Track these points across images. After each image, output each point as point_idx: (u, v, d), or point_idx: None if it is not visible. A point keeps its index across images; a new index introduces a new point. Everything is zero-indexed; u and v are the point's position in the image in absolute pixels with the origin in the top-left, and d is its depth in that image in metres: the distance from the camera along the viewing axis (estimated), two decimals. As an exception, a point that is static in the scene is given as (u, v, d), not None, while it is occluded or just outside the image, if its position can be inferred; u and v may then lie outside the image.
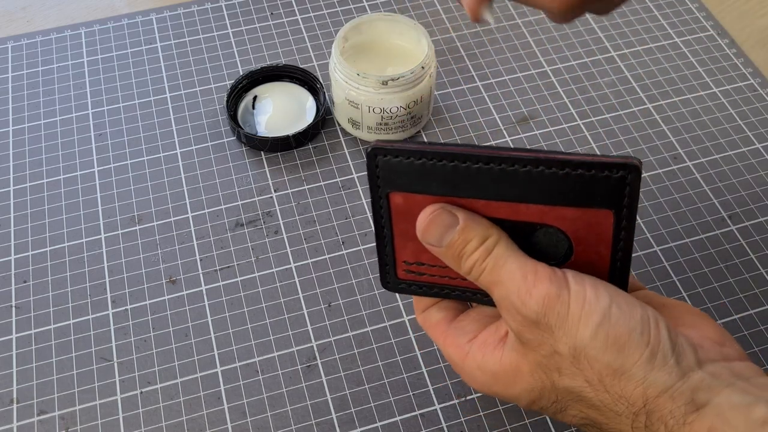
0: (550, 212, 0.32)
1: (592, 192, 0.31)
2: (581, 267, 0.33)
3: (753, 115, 0.58)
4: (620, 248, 0.32)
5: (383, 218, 0.35)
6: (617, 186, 0.31)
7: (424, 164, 0.33)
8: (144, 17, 0.66)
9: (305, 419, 0.44)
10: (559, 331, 0.31)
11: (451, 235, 0.33)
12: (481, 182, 0.33)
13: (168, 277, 0.50)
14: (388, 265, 0.37)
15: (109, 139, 0.57)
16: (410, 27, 0.56)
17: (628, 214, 0.31)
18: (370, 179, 0.34)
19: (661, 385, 0.30)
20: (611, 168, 0.31)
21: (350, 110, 0.54)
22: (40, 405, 0.45)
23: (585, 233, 0.32)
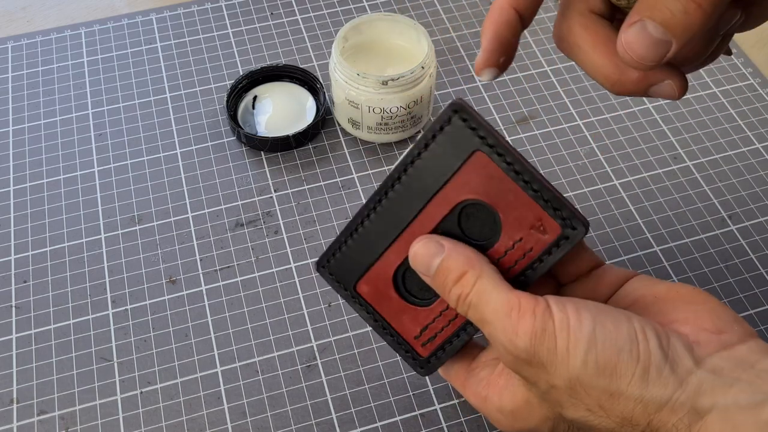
0: (451, 191, 0.33)
1: (450, 149, 0.32)
2: (515, 224, 0.32)
3: (753, 115, 0.58)
4: (522, 175, 0.32)
5: (371, 314, 0.37)
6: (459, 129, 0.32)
7: (350, 244, 0.36)
8: (144, 17, 0.66)
9: (305, 419, 0.44)
10: (551, 366, 0.30)
11: (437, 263, 0.33)
12: (391, 216, 0.35)
13: (168, 277, 0.50)
14: (410, 353, 0.37)
15: (109, 139, 0.57)
16: (410, 27, 0.56)
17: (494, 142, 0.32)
18: (335, 289, 0.38)
19: (659, 399, 0.29)
20: (441, 123, 0.32)
21: (350, 110, 0.54)
22: (40, 405, 0.45)
23: (487, 187, 0.32)
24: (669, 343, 0.30)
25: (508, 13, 0.33)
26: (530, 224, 0.32)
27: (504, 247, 0.33)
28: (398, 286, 0.37)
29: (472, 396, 0.36)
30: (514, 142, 0.57)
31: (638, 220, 0.52)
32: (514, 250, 0.33)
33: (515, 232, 0.32)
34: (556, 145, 0.56)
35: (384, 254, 0.36)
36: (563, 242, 0.32)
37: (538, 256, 0.32)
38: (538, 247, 0.32)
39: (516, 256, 0.33)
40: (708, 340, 0.31)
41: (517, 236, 0.32)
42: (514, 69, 0.61)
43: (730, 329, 0.31)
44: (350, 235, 0.36)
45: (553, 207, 0.31)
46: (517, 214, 0.32)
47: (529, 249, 0.32)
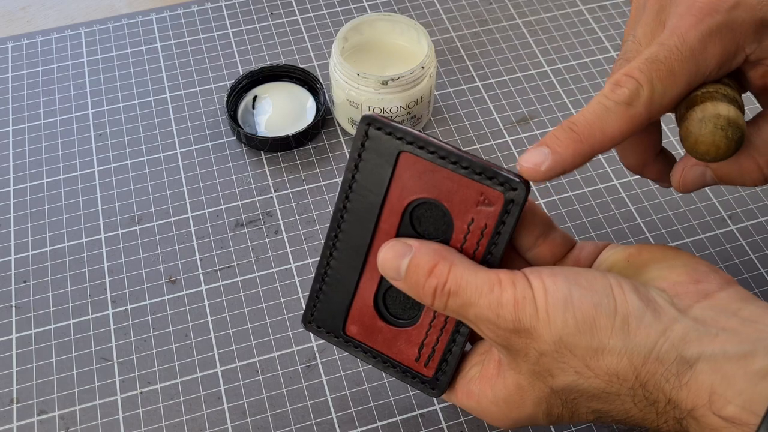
0: (395, 199, 0.34)
1: (377, 159, 0.33)
2: (462, 207, 0.33)
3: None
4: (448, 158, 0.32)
5: (367, 352, 0.38)
6: (378, 139, 0.33)
7: (324, 289, 0.37)
8: (144, 17, 0.66)
9: (305, 419, 0.44)
10: (535, 331, 0.30)
11: (405, 263, 0.33)
12: (350, 245, 0.35)
13: (168, 277, 0.50)
14: (416, 378, 0.37)
15: (109, 139, 0.57)
16: (410, 27, 0.56)
17: (413, 138, 0.32)
18: (327, 340, 0.39)
19: (642, 348, 0.29)
20: (360, 139, 0.33)
21: (350, 110, 0.54)
22: (40, 405, 0.45)
23: (424, 182, 0.33)
24: (648, 294, 0.30)
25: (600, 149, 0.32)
26: (475, 201, 0.32)
27: (461, 233, 0.33)
28: (382, 313, 0.37)
29: (464, 397, 0.36)
30: (514, 142, 0.57)
31: (638, 220, 0.52)
32: (471, 233, 0.33)
33: (465, 215, 0.33)
34: (556, 145, 0.56)
35: (358, 287, 0.36)
36: (511, 206, 0.32)
37: (494, 230, 0.33)
38: (491, 220, 0.32)
39: (476, 238, 0.33)
40: (686, 291, 0.31)
41: (468, 217, 0.33)
42: (514, 69, 0.61)
43: (707, 278, 0.31)
44: (322, 280, 0.37)
45: (488, 177, 0.32)
46: (459, 196, 0.33)
47: (484, 226, 0.33)
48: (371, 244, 0.35)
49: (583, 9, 0.66)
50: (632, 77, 0.31)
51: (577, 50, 0.63)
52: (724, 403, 0.27)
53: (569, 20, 0.65)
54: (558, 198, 0.53)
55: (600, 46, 0.63)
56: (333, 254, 0.36)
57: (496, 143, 0.57)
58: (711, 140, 0.31)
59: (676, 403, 0.29)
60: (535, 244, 0.36)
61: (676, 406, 0.29)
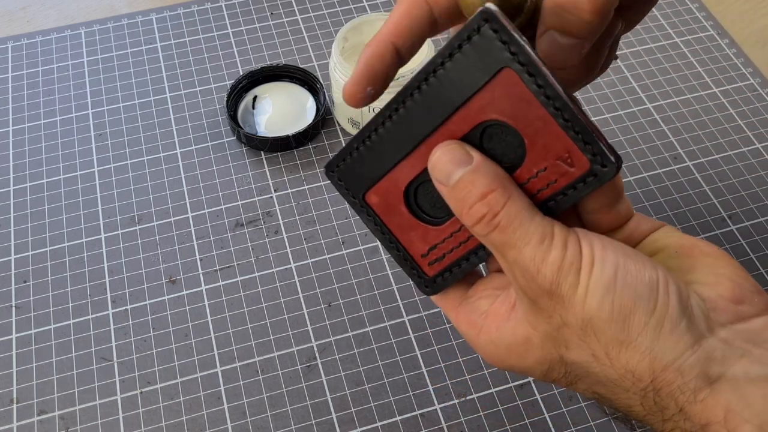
0: (475, 108, 0.30)
1: (477, 62, 0.29)
2: (541, 152, 0.30)
3: (753, 115, 0.58)
4: (554, 101, 0.29)
5: (378, 226, 0.35)
6: (488, 41, 0.29)
7: (362, 150, 0.34)
8: (144, 17, 0.66)
9: (305, 419, 0.44)
10: (569, 302, 0.29)
11: (460, 173, 0.30)
12: (408, 126, 0.32)
13: (168, 277, 0.50)
14: (415, 270, 0.36)
15: (109, 139, 0.57)
16: (410, 27, 0.55)
17: (526, 60, 0.29)
18: (343, 196, 0.35)
19: (669, 355, 0.28)
20: (469, 32, 0.29)
21: (350, 110, 0.54)
22: (40, 405, 0.45)
23: (514, 109, 0.30)
24: (689, 301, 0.29)
25: (385, 47, 0.32)
26: (557, 155, 0.29)
27: (527, 174, 0.30)
28: (409, 201, 0.34)
29: (464, 323, 0.35)
30: (514, 142, 0.56)
31: (638, 220, 0.52)
32: (537, 178, 0.30)
33: (540, 161, 0.30)
34: (556, 145, 0.56)
35: (397, 166, 0.33)
36: (590, 179, 0.29)
37: (561, 189, 0.30)
38: (563, 180, 0.30)
39: (539, 185, 0.30)
40: (725, 309, 0.30)
41: (542, 165, 0.30)
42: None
43: (750, 300, 0.30)
44: (363, 141, 0.34)
45: (583, 140, 0.29)
46: (544, 141, 0.29)
47: (554, 180, 0.30)
48: (430, 135, 0.32)
49: (583, 9, 0.66)
50: None
51: (577, 50, 0.63)
52: (740, 422, 0.27)
53: (569, 20, 0.65)
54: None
55: (600, 46, 0.63)
56: (385, 124, 0.33)
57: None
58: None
59: (687, 415, 0.28)
60: (598, 210, 0.33)
61: (687, 417, 0.29)
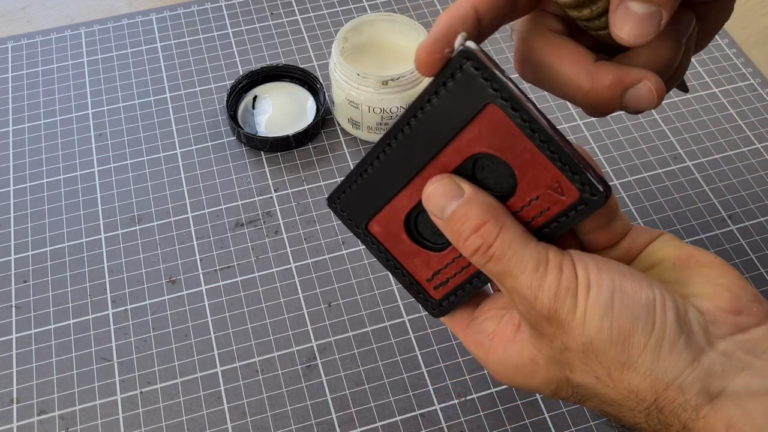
0: (464, 142, 0.31)
1: (462, 99, 0.30)
2: (531, 182, 0.31)
3: (753, 115, 0.58)
4: (539, 134, 0.29)
5: (383, 253, 0.36)
6: (470, 78, 0.30)
7: (361, 182, 0.35)
8: (144, 17, 0.66)
9: (305, 419, 0.44)
10: (568, 326, 0.29)
11: (453, 206, 0.31)
12: (403, 159, 0.33)
13: (168, 277, 0.50)
14: (422, 294, 0.36)
15: (109, 139, 0.57)
16: (410, 27, 0.56)
17: (508, 96, 0.29)
18: (347, 226, 0.36)
19: (670, 374, 0.28)
20: (451, 70, 0.30)
21: (350, 110, 0.54)
22: (40, 405, 0.45)
23: (502, 142, 0.30)
24: (686, 316, 0.29)
25: (466, 11, 0.31)
26: (547, 184, 0.30)
27: (521, 202, 0.31)
28: (410, 229, 0.35)
29: (473, 344, 0.35)
30: (514, 142, 0.56)
31: (638, 220, 0.52)
32: (531, 207, 0.31)
33: (532, 190, 0.30)
34: (556, 145, 0.56)
35: (396, 197, 0.34)
36: (581, 207, 0.30)
37: (554, 217, 0.30)
38: (556, 208, 0.30)
39: (533, 213, 0.31)
40: (724, 321, 0.30)
41: (534, 194, 0.30)
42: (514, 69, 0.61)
43: (749, 310, 0.30)
44: (361, 174, 0.34)
45: (571, 171, 0.29)
46: (533, 172, 0.30)
47: (547, 208, 0.30)
48: (424, 167, 0.32)
49: (583, 9, 0.66)
50: None
51: (577, 50, 0.63)
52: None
53: (569, 20, 0.65)
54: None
55: (600, 46, 0.63)
56: (380, 157, 0.33)
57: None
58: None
59: (690, 431, 0.29)
60: (594, 231, 0.34)
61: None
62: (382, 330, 0.47)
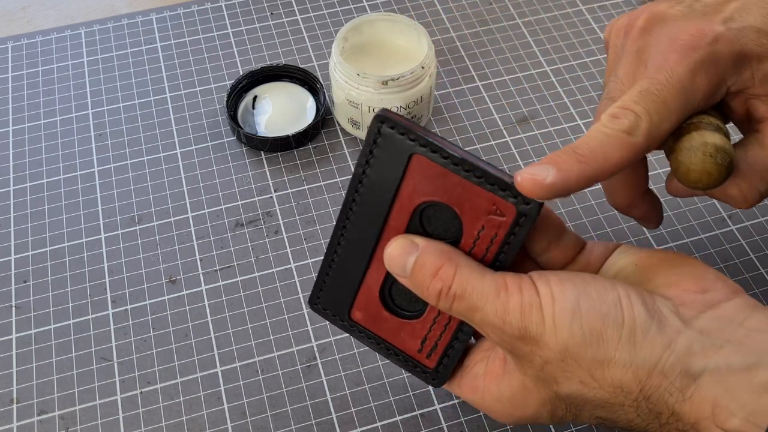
0: (405, 198, 0.33)
1: (389, 159, 0.33)
2: (473, 214, 0.32)
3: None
4: (462, 165, 0.32)
5: (371, 338, 0.38)
6: (390, 138, 0.32)
7: (331, 275, 0.37)
8: (144, 17, 0.66)
9: (305, 419, 0.44)
10: (541, 339, 0.30)
11: (411, 261, 0.33)
12: (359, 236, 0.35)
13: (168, 277, 0.50)
14: (418, 367, 0.37)
15: (109, 139, 0.57)
16: (410, 27, 0.56)
17: (425, 141, 0.32)
18: (333, 323, 0.39)
19: (648, 362, 0.29)
20: (372, 136, 0.33)
21: (350, 110, 0.54)
22: (40, 405, 0.45)
23: (435, 186, 0.32)
24: (654, 305, 0.30)
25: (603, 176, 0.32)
26: (486, 210, 0.32)
27: (471, 239, 0.33)
28: (387, 304, 0.37)
29: (469, 392, 0.36)
30: (514, 142, 0.57)
31: (638, 220, 0.52)
32: (480, 239, 0.33)
33: (476, 222, 0.32)
34: (556, 145, 0.56)
35: (365, 277, 0.36)
36: (522, 220, 0.32)
37: (504, 239, 0.32)
38: (502, 230, 0.32)
39: (485, 244, 0.33)
40: (693, 301, 0.31)
41: (479, 225, 0.32)
42: (514, 69, 0.61)
43: (714, 287, 0.31)
44: (329, 266, 0.37)
45: (500, 188, 0.31)
46: (471, 204, 0.32)
47: (494, 234, 0.32)
48: (380, 237, 0.35)
49: (583, 9, 0.66)
50: (629, 109, 0.31)
51: (577, 50, 0.63)
52: (728, 416, 0.27)
53: (569, 20, 0.65)
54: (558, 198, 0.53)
55: (600, 46, 0.63)
56: (341, 243, 0.36)
57: (496, 143, 0.57)
58: (701, 168, 0.32)
59: (679, 416, 0.29)
60: (547, 249, 0.36)
61: (679, 419, 0.29)
62: (382, 330, 0.47)
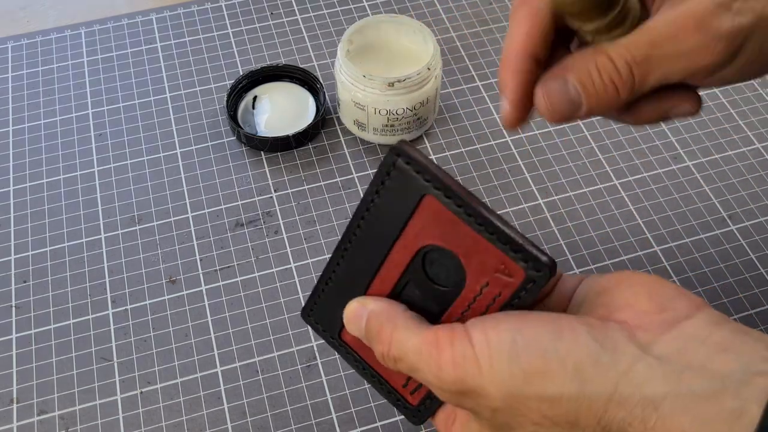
0: (410, 236, 0.32)
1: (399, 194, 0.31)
2: (478, 268, 0.31)
3: (753, 115, 0.58)
4: (475, 218, 0.30)
5: (358, 362, 0.37)
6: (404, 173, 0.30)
7: (327, 291, 0.36)
8: (144, 17, 0.66)
9: (305, 419, 0.44)
10: (482, 390, 0.29)
11: (363, 325, 0.32)
12: (359, 262, 0.33)
13: (168, 277, 0.50)
14: (400, 401, 0.36)
15: (109, 139, 0.57)
16: (416, 28, 0.55)
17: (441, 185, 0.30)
18: (322, 337, 0.37)
19: (602, 392, 0.27)
20: (387, 168, 0.31)
21: (356, 112, 0.54)
22: (40, 405, 0.45)
23: (444, 231, 0.31)
24: (606, 333, 0.28)
25: (528, 64, 0.32)
26: (494, 268, 0.30)
27: (472, 293, 0.31)
28: None
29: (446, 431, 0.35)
30: (514, 142, 0.57)
31: (638, 220, 0.52)
32: (483, 296, 0.31)
33: (480, 277, 0.31)
34: (556, 145, 0.56)
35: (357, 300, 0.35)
36: (530, 286, 0.30)
37: (507, 300, 0.30)
38: (507, 291, 0.30)
39: (486, 302, 0.31)
40: (650, 322, 0.29)
41: (483, 280, 0.31)
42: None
43: (672, 305, 0.29)
44: (326, 282, 0.35)
45: (512, 249, 0.29)
46: (478, 258, 0.30)
47: (498, 294, 0.30)
48: (379, 269, 0.33)
49: (583, 9, 0.66)
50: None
51: (577, 50, 0.63)
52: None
53: (569, 20, 0.65)
54: (558, 198, 0.53)
55: (600, 46, 0.63)
56: (339, 264, 0.35)
57: (496, 143, 0.57)
58: None
59: None
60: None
61: None
62: (382, 330, 0.47)
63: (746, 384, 0.26)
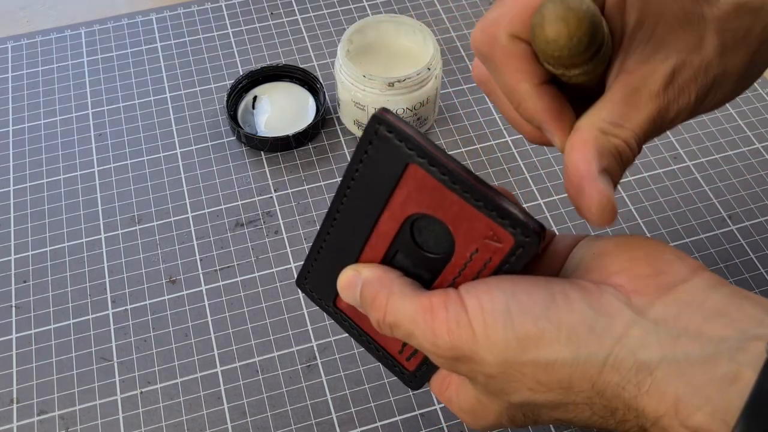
0: (397, 206, 0.31)
1: (383, 162, 0.30)
2: (467, 236, 0.30)
3: (753, 115, 0.58)
4: (460, 185, 0.29)
5: (354, 329, 0.36)
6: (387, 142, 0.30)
7: (320, 259, 0.35)
8: (144, 17, 0.66)
9: (305, 419, 0.44)
10: (476, 356, 0.29)
11: (358, 292, 0.32)
12: (348, 231, 0.33)
13: (168, 277, 0.50)
14: (396, 367, 0.36)
15: (109, 139, 0.57)
16: (416, 28, 0.55)
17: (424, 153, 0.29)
18: (318, 305, 0.37)
19: (597, 357, 0.27)
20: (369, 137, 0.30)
21: (356, 112, 0.54)
22: (40, 405, 0.45)
23: (430, 199, 0.30)
24: (601, 298, 0.28)
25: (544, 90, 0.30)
26: (482, 234, 0.30)
27: (462, 259, 0.31)
28: None
29: (441, 397, 0.35)
30: (514, 142, 0.57)
31: (638, 220, 0.52)
32: (473, 261, 0.30)
33: (469, 243, 0.30)
34: (556, 145, 0.56)
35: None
36: (519, 251, 0.29)
37: (498, 266, 0.30)
38: (497, 257, 0.30)
39: (477, 268, 0.31)
40: (647, 286, 0.28)
41: (473, 247, 0.30)
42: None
43: (670, 269, 0.29)
44: (318, 251, 0.35)
45: (500, 216, 0.29)
46: (467, 225, 0.30)
47: (488, 259, 0.30)
48: (368, 237, 0.33)
49: (583, 9, 0.66)
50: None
51: (577, 50, 0.63)
52: (692, 411, 0.26)
53: (569, 20, 0.65)
54: (558, 198, 0.53)
55: (600, 46, 0.63)
56: (330, 232, 0.34)
57: (496, 143, 0.57)
58: (555, 16, 0.26)
59: (638, 411, 0.27)
60: None
61: (639, 414, 0.27)
62: (382, 330, 0.47)
63: (742, 349, 0.25)
